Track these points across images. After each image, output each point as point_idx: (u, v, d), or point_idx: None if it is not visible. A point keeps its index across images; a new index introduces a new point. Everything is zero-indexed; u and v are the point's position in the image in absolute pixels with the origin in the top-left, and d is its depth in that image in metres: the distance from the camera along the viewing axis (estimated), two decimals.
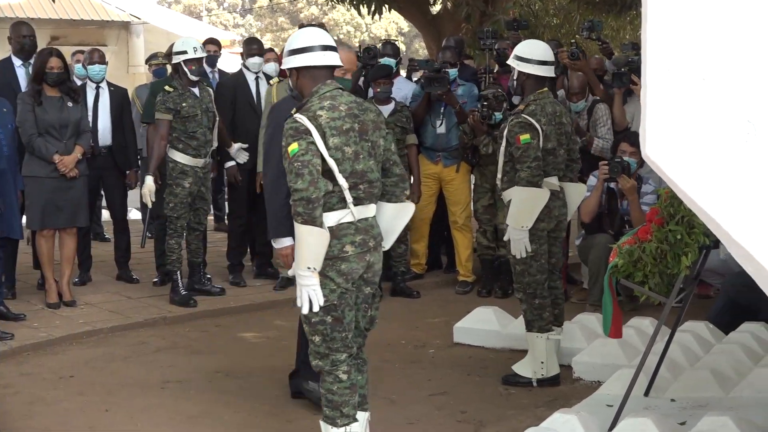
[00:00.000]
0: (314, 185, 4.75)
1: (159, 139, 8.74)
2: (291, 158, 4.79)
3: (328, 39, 5.14)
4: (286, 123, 4.91)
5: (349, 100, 5.04)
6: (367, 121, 5.04)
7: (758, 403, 5.92)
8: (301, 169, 4.76)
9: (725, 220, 3.43)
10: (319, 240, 4.79)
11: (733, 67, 3.42)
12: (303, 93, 5.10)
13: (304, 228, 4.77)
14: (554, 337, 6.85)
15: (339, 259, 4.88)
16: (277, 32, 46.16)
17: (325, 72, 5.07)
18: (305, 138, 4.81)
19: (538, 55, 6.73)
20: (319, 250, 4.80)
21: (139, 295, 9.30)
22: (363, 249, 4.95)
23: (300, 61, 5.05)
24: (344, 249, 4.88)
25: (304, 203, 4.74)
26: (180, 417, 6.26)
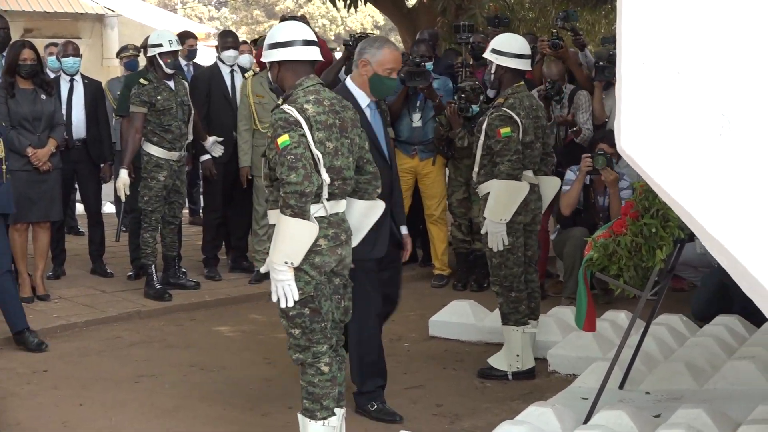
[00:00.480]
0: (308, 179, 4.76)
1: (134, 132, 8.70)
2: (282, 150, 4.79)
3: (310, 33, 5.16)
4: (275, 114, 4.92)
5: (331, 96, 5.09)
6: (346, 119, 5.08)
7: (732, 395, 5.94)
8: (294, 162, 4.76)
9: (700, 213, 3.44)
10: (308, 233, 4.80)
11: (707, 61, 3.43)
12: (284, 86, 5.12)
13: (293, 221, 4.76)
14: (530, 331, 6.86)
15: (312, 253, 4.88)
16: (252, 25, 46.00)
17: (307, 66, 5.09)
18: (296, 130, 4.83)
19: (515, 49, 6.74)
20: (304, 244, 4.81)
21: (114, 289, 9.26)
22: (335, 242, 4.97)
23: (282, 54, 5.06)
24: (317, 242, 4.88)
25: (297, 196, 4.74)
26: (154, 411, 6.23)
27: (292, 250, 4.80)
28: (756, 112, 3.39)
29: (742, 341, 7.04)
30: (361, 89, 5.87)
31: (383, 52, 5.81)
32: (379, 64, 5.79)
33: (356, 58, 5.88)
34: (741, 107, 3.41)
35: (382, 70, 5.80)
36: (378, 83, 5.83)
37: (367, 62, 5.81)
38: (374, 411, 6.06)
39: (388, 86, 5.93)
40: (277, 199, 4.90)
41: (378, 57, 5.79)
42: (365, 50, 5.84)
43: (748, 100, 3.41)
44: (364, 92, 5.87)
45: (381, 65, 5.79)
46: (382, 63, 5.79)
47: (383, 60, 5.80)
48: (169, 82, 8.80)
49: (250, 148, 9.38)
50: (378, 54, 5.80)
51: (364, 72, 5.82)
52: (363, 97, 5.87)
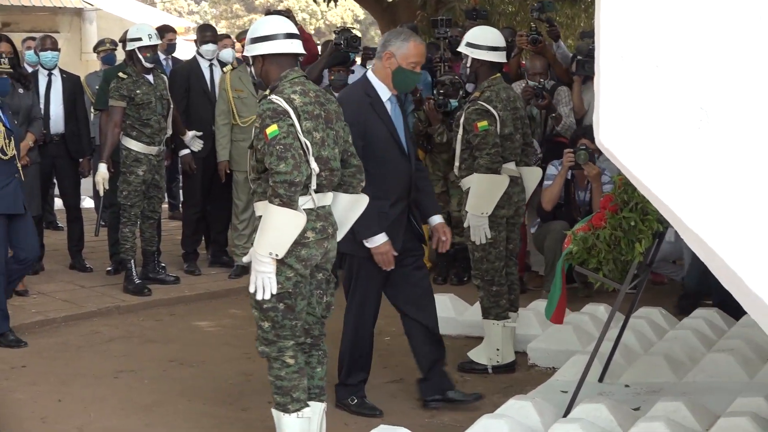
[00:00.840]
0: (298, 168, 4.76)
1: (112, 127, 8.67)
2: (270, 140, 4.79)
3: (292, 27, 5.17)
4: (262, 104, 4.92)
5: (315, 89, 5.10)
6: (331, 111, 5.09)
7: (711, 388, 5.97)
8: (284, 152, 4.76)
9: (678, 206, 3.45)
10: (295, 223, 4.80)
11: (686, 55, 3.43)
12: (267, 80, 5.11)
13: (281, 210, 4.75)
14: (510, 325, 6.86)
15: (300, 245, 4.87)
16: (232, 19, 45.90)
17: (290, 59, 5.09)
18: (284, 119, 4.83)
19: (489, 41, 6.73)
20: (290, 235, 4.79)
21: (93, 284, 9.22)
22: (323, 235, 4.96)
23: (266, 48, 5.05)
24: (305, 235, 4.87)
25: (287, 186, 4.74)
26: (133, 406, 6.21)
27: (277, 241, 4.78)
28: (734, 105, 3.40)
29: (721, 334, 7.07)
30: (383, 82, 5.84)
31: (409, 45, 5.78)
32: (404, 57, 5.77)
33: (380, 50, 5.84)
34: (719, 100, 3.42)
35: (406, 63, 5.77)
36: (402, 76, 5.80)
37: (391, 54, 5.78)
38: (354, 405, 6.06)
39: (411, 80, 5.91)
40: (264, 191, 4.89)
41: (403, 50, 5.77)
42: (390, 42, 5.81)
43: (726, 93, 3.42)
44: (386, 85, 5.84)
45: (405, 58, 5.77)
46: (406, 56, 5.77)
47: (408, 53, 5.77)
48: (148, 76, 8.77)
49: (229, 142, 9.36)
50: (403, 47, 5.77)
51: (388, 65, 5.79)
52: (384, 90, 5.85)
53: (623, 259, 5.41)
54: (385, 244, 5.75)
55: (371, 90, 5.83)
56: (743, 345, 6.52)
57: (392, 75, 5.80)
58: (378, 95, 5.83)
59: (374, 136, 5.78)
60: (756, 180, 3.40)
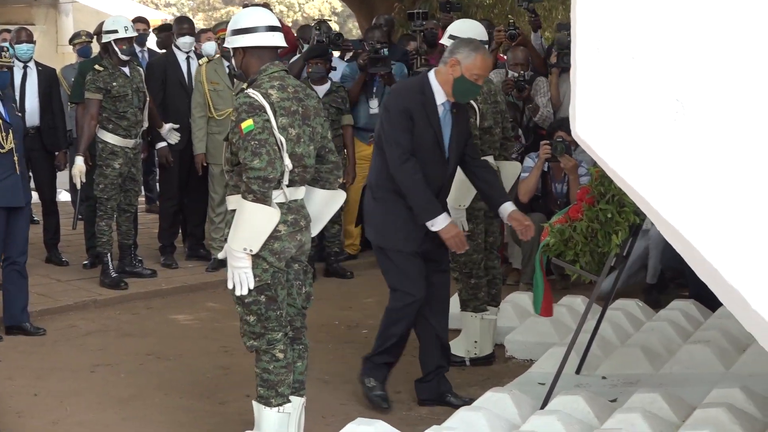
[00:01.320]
0: (272, 165, 4.76)
1: (89, 119, 8.62)
2: (245, 135, 4.78)
3: (273, 19, 5.15)
4: (239, 98, 4.91)
5: (295, 84, 5.08)
6: (309, 107, 5.06)
7: (687, 379, 5.99)
8: (258, 148, 4.75)
9: (654, 198, 3.45)
10: (269, 219, 4.80)
11: (661, 46, 3.44)
12: (248, 73, 5.08)
13: (255, 206, 4.75)
14: (488, 317, 6.86)
15: (272, 238, 4.86)
16: (209, 11, 45.73)
17: (272, 52, 5.07)
18: (260, 115, 4.81)
19: (471, 34, 6.71)
20: (263, 230, 4.80)
21: (69, 277, 9.17)
22: (295, 228, 4.96)
23: (247, 41, 5.02)
24: (277, 228, 4.87)
25: (260, 182, 4.73)
26: (110, 400, 6.19)
27: (251, 237, 4.78)
28: (709, 97, 3.41)
29: (697, 325, 7.10)
30: (441, 86, 5.81)
31: (476, 57, 5.74)
32: (469, 68, 5.73)
33: (447, 56, 5.79)
34: (695, 92, 3.42)
35: (469, 74, 5.73)
36: (462, 86, 5.76)
37: (457, 62, 5.73)
38: (367, 388, 6.04)
39: (471, 91, 5.88)
40: (237, 184, 4.88)
41: (469, 61, 5.73)
42: (458, 50, 5.77)
43: (701, 85, 3.42)
44: (444, 90, 5.81)
45: (470, 69, 5.73)
46: (471, 68, 5.73)
47: (474, 65, 5.73)
48: (125, 68, 8.73)
49: (205, 135, 9.33)
50: (470, 57, 5.73)
51: (452, 72, 5.75)
52: (440, 94, 5.83)
53: (600, 251, 5.42)
54: (452, 225, 5.77)
55: (428, 90, 5.80)
56: (719, 336, 6.54)
57: (453, 82, 5.76)
58: (433, 97, 5.81)
59: (419, 136, 5.78)
60: (731, 172, 3.41)
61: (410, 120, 5.73)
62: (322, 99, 9.05)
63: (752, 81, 3.40)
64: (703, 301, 7.42)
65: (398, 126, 5.72)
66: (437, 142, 5.82)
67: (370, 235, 6.01)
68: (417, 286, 5.89)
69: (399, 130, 5.72)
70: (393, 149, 5.72)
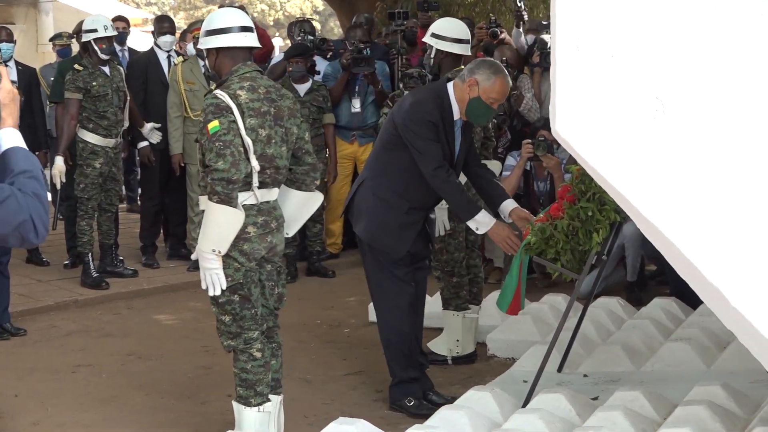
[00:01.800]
0: (236, 166, 4.75)
1: (69, 119, 8.60)
2: (211, 136, 4.78)
3: (247, 20, 5.13)
4: (207, 99, 4.90)
5: (268, 84, 5.06)
6: (283, 107, 5.04)
7: (669, 377, 6.00)
8: (223, 150, 4.75)
9: (634, 196, 3.46)
10: (234, 220, 4.79)
11: (641, 45, 3.44)
12: (221, 73, 5.07)
13: (219, 207, 4.75)
14: (470, 316, 6.86)
15: (241, 240, 4.87)
16: (190, 10, 45.63)
17: (245, 53, 5.06)
18: (226, 116, 4.81)
19: (454, 33, 6.72)
20: (229, 232, 4.80)
21: (50, 277, 9.14)
22: (265, 230, 4.96)
23: (220, 41, 5.01)
24: (246, 230, 4.88)
25: (224, 183, 4.73)
26: (91, 401, 6.17)
27: (219, 238, 4.79)
28: (689, 95, 3.42)
29: (678, 323, 7.11)
30: (458, 102, 5.79)
31: (496, 81, 5.70)
32: (486, 91, 5.70)
33: (466, 74, 5.75)
34: (674, 90, 3.43)
35: (486, 97, 5.70)
36: (476, 107, 5.73)
37: (475, 83, 5.70)
38: (412, 407, 5.90)
39: (485, 115, 5.86)
40: (207, 186, 4.87)
41: (488, 84, 5.69)
42: (479, 70, 5.73)
43: (681, 83, 3.43)
44: (459, 108, 5.79)
45: (487, 92, 5.70)
46: (489, 91, 5.70)
47: (492, 88, 5.70)
48: (105, 67, 8.70)
49: (181, 135, 9.31)
50: (489, 81, 5.69)
51: (469, 91, 5.72)
52: (456, 111, 5.81)
53: (581, 249, 5.42)
54: (499, 227, 5.72)
55: (447, 104, 5.78)
56: (700, 334, 6.56)
57: (468, 102, 5.73)
58: (451, 112, 5.80)
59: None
60: (711, 170, 3.42)
61: (437, 131, 5.71)
62: (303, 98, 9.05)
63: (731, 79, 3.41)
64: (684, 298, 7.43)
65: (426, 137, 5.67)
66: (450, 156, 5.82)
67: (361, 232, 5.94)
68: (403, 289, 5.90)
69: (429, 141, 5.67)
70: (426, 161, 5.66)
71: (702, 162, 3.42)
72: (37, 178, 3.09)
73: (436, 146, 5.69)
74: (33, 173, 3.09)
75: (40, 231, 3.03)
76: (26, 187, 3.04)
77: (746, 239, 3.40)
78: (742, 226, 3.41)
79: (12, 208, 2.98)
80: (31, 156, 3.16)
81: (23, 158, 3.12)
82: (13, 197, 2.99)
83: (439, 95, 5.81)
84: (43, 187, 3.10)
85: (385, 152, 5.88)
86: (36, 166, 3.13)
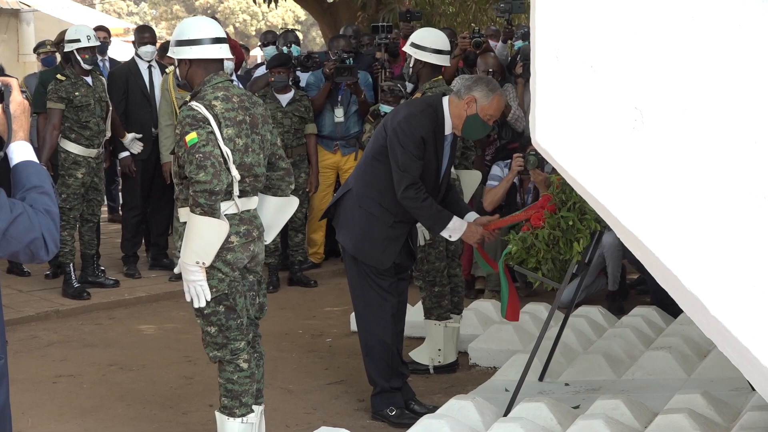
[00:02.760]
0: (217, 177, 4.74)
1: (51, 129, 8.58)
2: (190, 148, 4.76)
3: (219, 30, 5.11)
4: (183, 111, 4.88)
5: (240, 93, 5.05)
6: (257, 115, 5.04)
7: (649, 385, 6.03)
8: (203, 161, 4.73)
9: (614, 205, 3.48)
10: (219, 231, 4.78)
11: (620, 55, 3.46)
12: (192, 83, 5.05)
13: (203, 219, 4.74)
14: (452, 325, 6.88)
15: (225, 250, 4.86)
16: (172, 20, 45.57)
17: (216, 64, 5.04)
18: (204, 127, 4.79)
19: (434, 44, 6.74)
20: (213, 243, 4.79)
21: (31, 288, 9.12)
22: (247, 239, 4.95)
23: (192, 53, 4.98)
24: (229, 239, 4.87)
25: (207, 195, 4.71)
26: (72, 411, 6.15)
27: (202, 250, 4.77)
28: (668, 105, 3.44)
29: (659, 332, 7.14)
30: (452, 119, 5.80)
31: (493, 99, 5.73)
32: (484, 109, 5.72)
33: (463, 91, 5.76)
34: (654, 100, 3.45)
35: (483, 114, 5.73)
36: (473, 124, 5.76)
37: (473, 100, 5.71)
38: (394, 416, 5.91)
39: (481, 132, 5.91)
40: (187, 198, 4.86)
41: (486, 102, 5.71)
42: (476, 88, 5.74)
43: (660, 93, 3.45)
44: (453, 123, 5.81)
45: (485, 110, 5.73)
46: (486, 108, 5.73)
47: (489, 106, 5.73)
48: (87, 78, 8.69)
49: (173, 143, 9.28)
50: (487, 99, 5.71)
51: (467, 108, 5.73)
52: (449, 125, 5.82)
53: (562, 258, 5.45)
54: (470, 231, 5.76)
55: (441, 116, 5.79)
56: (681, 342, 6.59)
57: (465, 119, 5.75)
58: (443, 125, 5.81)
59: (424, 163, 5.78)
60: (690, 179, 3.44)
61: (423, 149, 5.73)
62: (284, 108, 9.06)
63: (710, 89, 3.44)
64: (664, 307, 7.47)
65: (411, 152, 5.68)
66: (437, 170, 5.84)
67: (346, 243, 5.95)
68: (387, 300, 5.91)
69: (411, 157, 5.68)
70: (401, 176, 5.68)
71: (681, 171, 3.44)
72: (49, 193, 3.06)
73: (417, 164, 5.69)
74: (44, 189, 3.06)
75: (51, 248, 3.01)
76: (38, 203, 3.01)
77: (725, 248, 3.42)
78: (721, 235, 3.43)
79: (24, 225, 2.96)
80: (43, 170, 3.13)
81: (35, 173, 3.09)
82: (25, 215, 2.96)
83: (435, 109, 5.82)
84: (54, 202, 3.06)
85: (374, 163, 5.88)
86: (47, 181, 3.10)
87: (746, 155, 3.41)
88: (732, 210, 3.43)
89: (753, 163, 3.41)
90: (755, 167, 3.41)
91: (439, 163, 5.84)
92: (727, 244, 3.43)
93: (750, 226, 3.41)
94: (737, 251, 3.43)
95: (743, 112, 3.41)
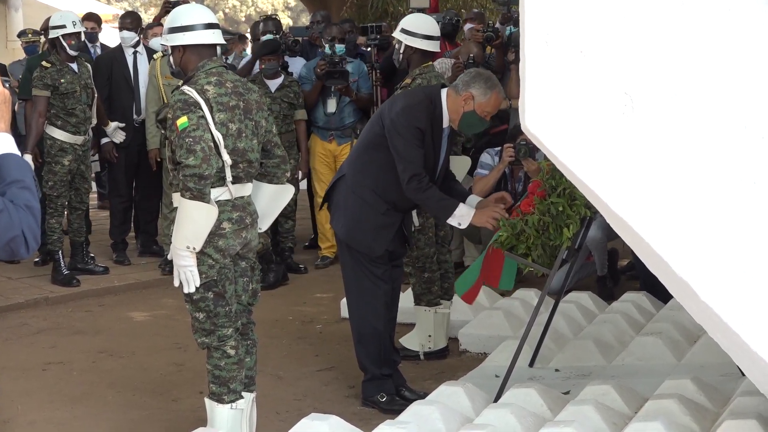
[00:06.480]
0: (207, 162, 4.73)
1: (37, 116, 8.55)
2: (181, 132, 4.75)
3: (212, 17, 5.12)
4: (174, 95, 4.88)
5: (234, 78, 5.05)
6: (251, 101, 5.03)
7: (639, 371, 6.04)
8: (193, 145, 4.72)
9: (603, 191, 3.48)
10: (207, 216, 4.77)
11: (610, 40, 3.46)
12: (186, 70, 5.05)
13: (192, 204, 4.73)
14: (442, 311, 6.87)
15: (216, 236, 4.85)
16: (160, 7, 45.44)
17: (210, 50, 5.04)
18: (195, 112, 4.78)
19: (424, 30, 6.72)
20: (203, 227, 4.78)
21: (20, 275, 9.09)
22: (240, 226, 4.94)
23: (186, 39, 4.98)
24: (221, 226, 4.86)
25: (196, 179, 4.71)
26: (62, 398, 6.14)
27: (192, 234, 4.77)
28: (658, 90, 3.43)
29: (649, 317, 7.14)
30: (449, 113, 5.77)
31: (491, 96, 5.68)
32: (482, 106, 5.68)
33: (461, 86, 5.71)
34: (643, 86, 3.45)
35: (481, 111, 5.69)
36: (470, 120, 5.73)
37: (471, 97, 5.67)
38: (384, 402, 5.89)
39: (478, 127, 5.90)
40: (180, 183, 4.85)
41: (483, 99, 5.67)
42: (474, 84, 5.69)
43: (650, 78, 3.45)
44: (450, 117, 5.77)
45: (482, 107, 5.69)
46: (484, 105, 5.69)
47: (487, 103, 5.69)
48: (72, 64, 8.65)
49: (159, 130, 9.26)
50: (485, 96, 5.67)
51: (464, 104, 5.69)
52: (446, 118, 5.79)
53: (552, 244, 5.44)
54: (478, 216, 5.68)
55: (439, 109, 5.76)
56: (671, 328, 6.59)
57: (462, 115, 5.72)
58: (441, 118, 5.78)
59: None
60: (680, 165, 3.44)
61: (423, 138, 5.70)
62: (273, 93, 9.02)
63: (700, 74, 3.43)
64: (654, 293, 7.47)
65: (411, 143, 5.65)
66: (434, 161, 5.82)
67: (339, 229, 5.94)
68: (380, 287, 5.90)
69: (413, 147, 5.65)
70: (405, 167, 5.64)
71: (671, 157, 3.44)
72: (30, 188, 2.99)
73: (419, 152, 5.67)
74: (25, 183, 2.99)
75: (31, 245, 2.97)
76: (18, 198, 2.95)
77: (715, 234, 3.42)
78: (711, 221, 3.43)
79: (4, 222, 2.90)
80: (25, 164, 3.06)
81: (16, 166, 3.02)
82: (6, 212, 2.90)
83: (432, 101, 5.79)
84: (35, 197, 3.00)
85: (368, 150, 5.87)
86: (29, 174, 3.03)
87: (736, 141, 3.41)
88: (722, 195, 3.43)
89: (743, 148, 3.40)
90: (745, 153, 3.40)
91: (436, 155, 5.82)
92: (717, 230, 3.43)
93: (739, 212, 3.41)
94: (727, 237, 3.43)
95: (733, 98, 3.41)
